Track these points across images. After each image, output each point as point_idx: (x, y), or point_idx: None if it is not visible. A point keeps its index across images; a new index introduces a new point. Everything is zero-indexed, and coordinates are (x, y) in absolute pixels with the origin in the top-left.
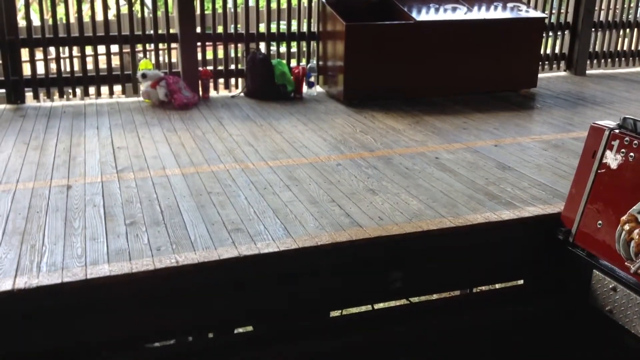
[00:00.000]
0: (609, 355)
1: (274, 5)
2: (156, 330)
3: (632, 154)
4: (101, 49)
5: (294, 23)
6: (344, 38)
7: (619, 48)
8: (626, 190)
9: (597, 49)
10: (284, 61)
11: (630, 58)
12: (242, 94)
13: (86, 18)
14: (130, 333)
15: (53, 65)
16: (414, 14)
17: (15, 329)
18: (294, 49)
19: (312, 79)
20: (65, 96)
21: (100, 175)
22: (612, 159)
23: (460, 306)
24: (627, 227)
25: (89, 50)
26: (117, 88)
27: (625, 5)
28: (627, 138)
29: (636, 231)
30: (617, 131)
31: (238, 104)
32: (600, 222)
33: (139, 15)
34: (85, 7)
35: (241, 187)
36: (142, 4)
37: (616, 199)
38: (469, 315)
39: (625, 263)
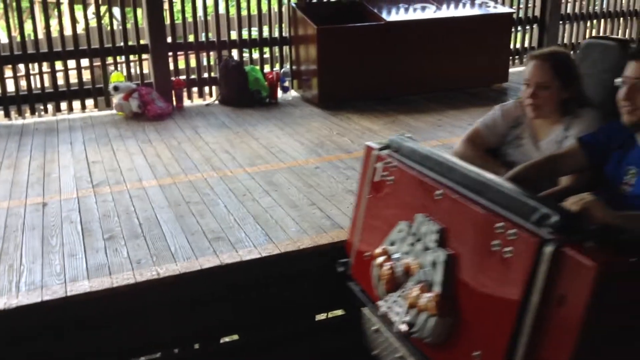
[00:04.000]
0: None
1: (244, 12)
2: (141, 344)
3: (391, 177)
4: (71, 63)
5: (266, 29)
6: (316, 42)
7: (586, 40)
8: (385, 218)
9: (565, 41)
10: (258, 67)
11: None
12: (216, 102)
13: (55, 33)
14: (115, 348)
15: (23, 82)
16: (384, 15)
17: None
18: (266, 55)
19: (287, 84)
20: (37, 113)
21: (76, 191)
22: (377, 183)
23: None
24: (378, 260)
25: (59, 65)
26: (89, 102)
27: None
28: (388, 159)
29: (386, 265)
30: (383, 152)
31: (213, 112)
32: (367, 253)
33: (108, 27)
34: (54, 22)
35: (220, 195)
36: (111, 16)
37: (378, 228)
38: None
39: (377, 303)
